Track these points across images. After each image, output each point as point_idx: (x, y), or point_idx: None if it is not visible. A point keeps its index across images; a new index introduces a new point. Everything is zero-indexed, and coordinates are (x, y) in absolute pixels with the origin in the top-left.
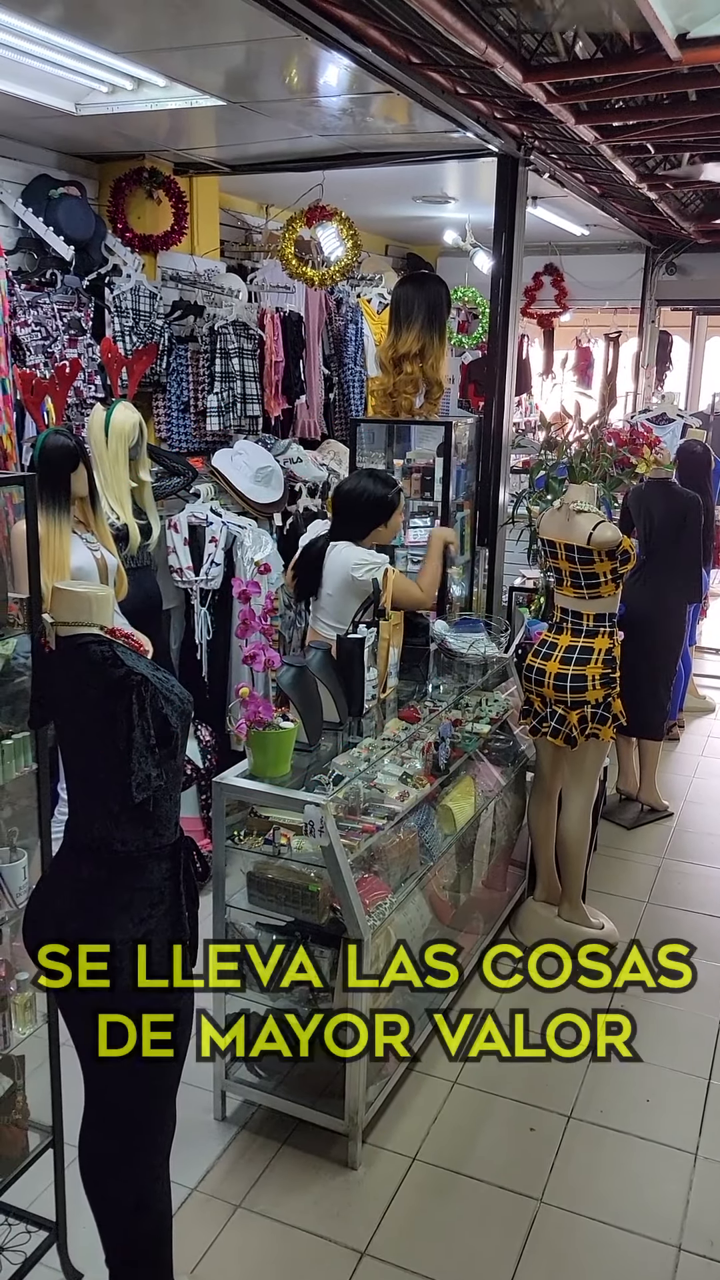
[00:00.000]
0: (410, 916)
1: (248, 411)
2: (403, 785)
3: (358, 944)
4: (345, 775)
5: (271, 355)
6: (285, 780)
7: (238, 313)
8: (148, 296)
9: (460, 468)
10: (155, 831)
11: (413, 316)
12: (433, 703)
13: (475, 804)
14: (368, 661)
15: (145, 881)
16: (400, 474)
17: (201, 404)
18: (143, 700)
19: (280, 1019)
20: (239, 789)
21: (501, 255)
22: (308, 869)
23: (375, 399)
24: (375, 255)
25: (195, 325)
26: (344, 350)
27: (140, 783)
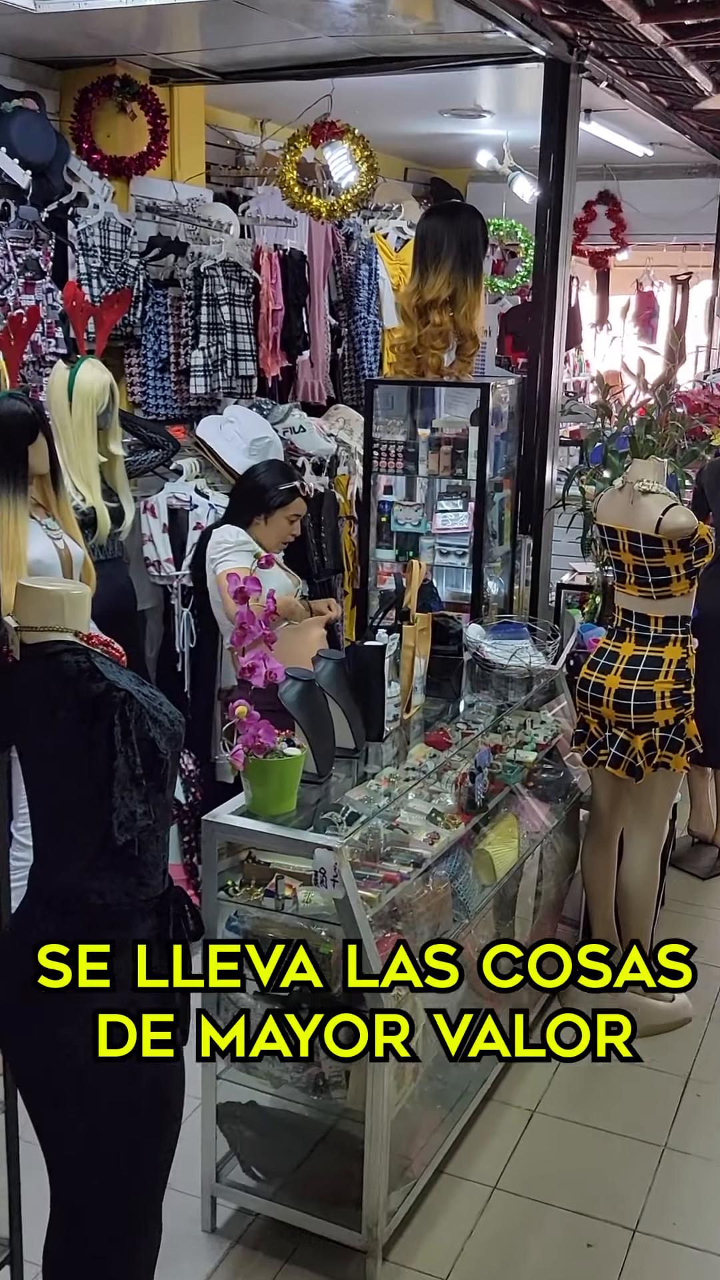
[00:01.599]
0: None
1: (240, 370)
2: (431, 825)
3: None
4: (362, 813)
5: (268, 302)
6: (290, 819)
7: (228, 251)
8: (119, 231)
9: (499, 439)
10: (140, 881)
11: (441, 255)
12: (466, 725)
13: (518, 849)
14: (388, 674)
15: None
16: (426, 446)
17: (184, 361)
18: (126, 721)
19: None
20: (233, 829)
21: (548, 180)
22: (317, 927)
23: (395, 355)
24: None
25: (176, 266)
26: (355, 296)
27: (123, 821)
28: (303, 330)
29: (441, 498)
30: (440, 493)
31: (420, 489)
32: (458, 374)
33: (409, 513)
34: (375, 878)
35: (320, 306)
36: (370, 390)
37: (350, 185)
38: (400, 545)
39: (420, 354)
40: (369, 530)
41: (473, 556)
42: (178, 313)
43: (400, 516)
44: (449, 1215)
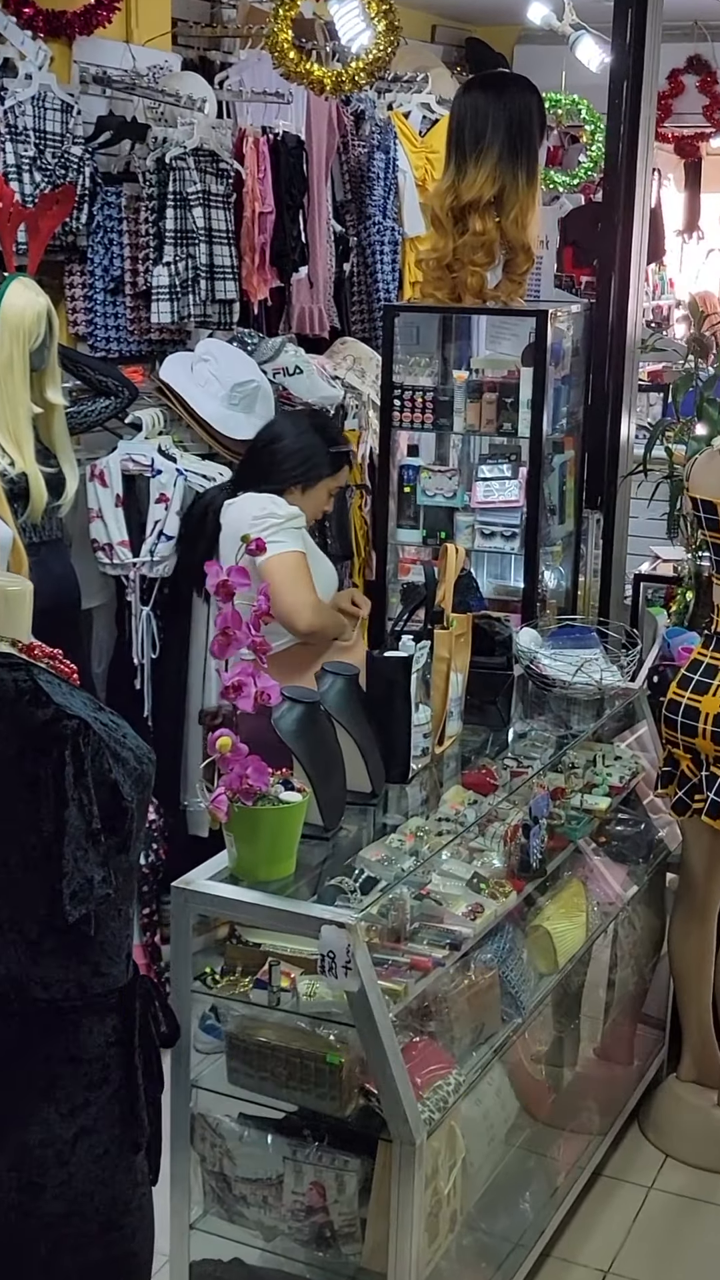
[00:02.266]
0: (486, 1106)
1: (217, 293)
2: (473, 895)
3: (405, 1150)
4: (382, 878)
5: (254, 203)
6: (287, 886)
7: (201, 135)
8: (58, 110)
9: (559, 383)
10: (96, 969)
11: (484, 143)
12: (518, 761)
13: (586, 925)
14: (415, 694)
15: (79, 1049)
16: (462, 393)
17: (144, 281)
18: (81, 759)
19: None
20: (212, 899)
21: (623, 43)
22: (323, 1029)
23: (423, 272)
24: (417, 43)
25: (133, 156)
26: (368, 195)
27: (77, 890)
28: (299, 240)
29: (483, 461)
30: (482, 455)
31: (455, 450)
32: (505, 298)
33: (440, 481)
34: (400, 964)
35: (322, 209)
36: (389, 319)
37: (362, 49)
38: (429, 524)
39: (455, 271)
40: (387, 504)
41: (525, 539)
42: (135, 217)
43: (429, 486)
44: None
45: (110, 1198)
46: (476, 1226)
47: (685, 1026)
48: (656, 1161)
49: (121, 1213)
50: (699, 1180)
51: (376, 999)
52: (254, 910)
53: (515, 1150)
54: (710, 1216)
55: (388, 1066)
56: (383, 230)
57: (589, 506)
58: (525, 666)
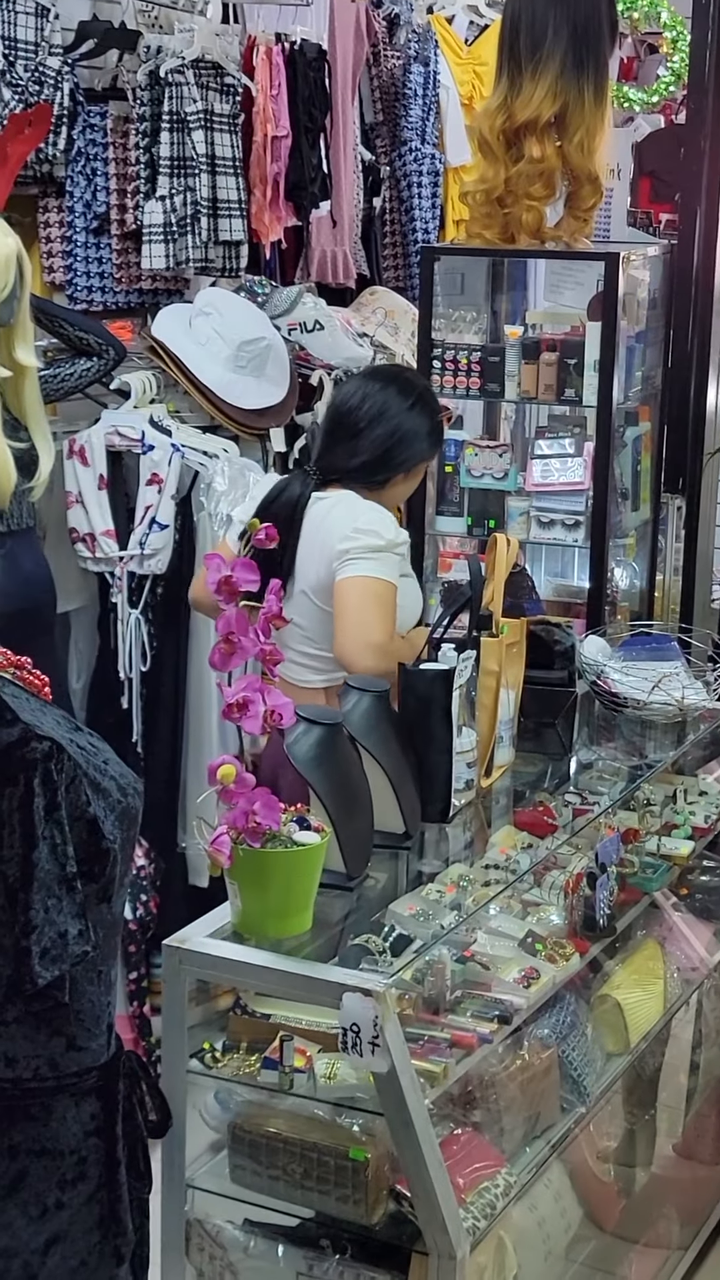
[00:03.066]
0: (543, 1213)
1: (221, 233)
2: (527, 958)
3: (445, 1265)
4: (417, 937)
5: (266, 125)
6: (303, 945)
7: (203, 44)
8: (31, 13)
9: (633, 341)
10: (71, 1043)
11: (544, 51)
12: (582, 797)
13: (664, 995)
14: (457, 716)
15: (51, 1139)
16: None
17: (134, 219)
18: (54, 789)
19: None
20: (213, 960)
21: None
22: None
23: (470, 208)
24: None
25: (122, 69)
26: (403, 115)
27: (48, 947)
28: (320, 170)
29: (541, 435)
30: (539, 427)
31: (507, 421)
32: (567, 238)
33: (489, 459)
34: (439, 1040)
35: (347, 132)
36: (428, 263)
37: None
38: (475, 511)
39: (508, 207)
40: (425, 486)
41: (592, 529)
42: (124, 142)
43: (475, 465)
44: None
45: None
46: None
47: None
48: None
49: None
50: None
51: (410, 1082)
52: (262, 974)
53: (578, 1267)
54: None
55: (423, 1164)
56: (420, 158)
57: (668, 490)
58: (591, 682)
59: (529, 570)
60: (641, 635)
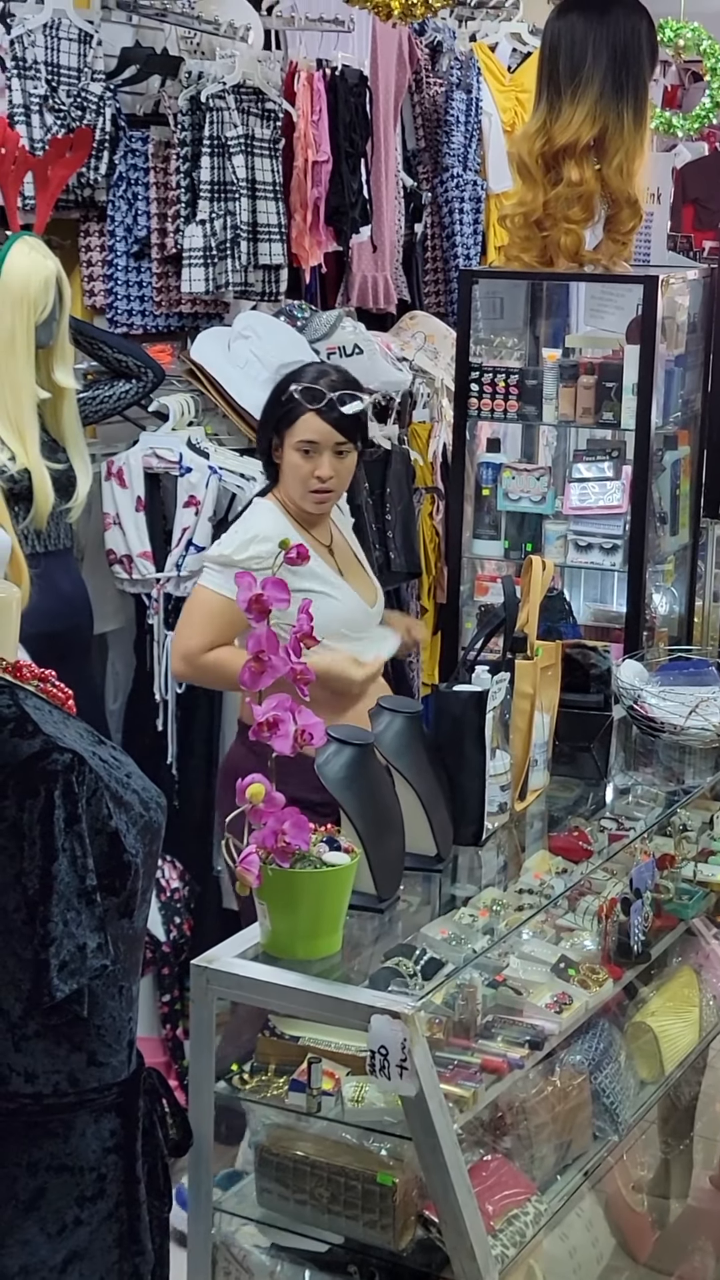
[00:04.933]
0: (574, 1243)
1: (261, 257)
2: (560, 983)
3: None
4: (448, 960)
5: (307, 150)
6: (333, 966)
7: (245, 70)
8: (75, 40)
9: (672, 365)
10: (91, 1059)
11: (583, 75)
12: (618, 822)
13: (700, 1023)
14: (491, 739)
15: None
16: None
17: (174, 243)
18: (74, 801)
19: None
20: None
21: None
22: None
23: (509, 233)
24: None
25: (164, 94)
26: (444, 142)
27: (67, 960)
28: (360, 195)
29: (579, 459)
30: (577, 451)
31: (545, 445)
32: (607, 262)
33: (527, 482)
34: (469, 1065)
35: (389, 158)
36: (467, 287)
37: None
38: (512, 534)
39: (547, 230)
40: (463, 510)
41: (630, 553)
42: (165, 167)
43: (513, 488)
44: None
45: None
46: None
47: None
48: None
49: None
50: None
51: (438, 1107)
52: (290, 995)
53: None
54: None
55: (452, 1190)
56: (462, 185)
57: (708, 515)
58: (628, 707)
59: (565, 594)
60: (680, 660)
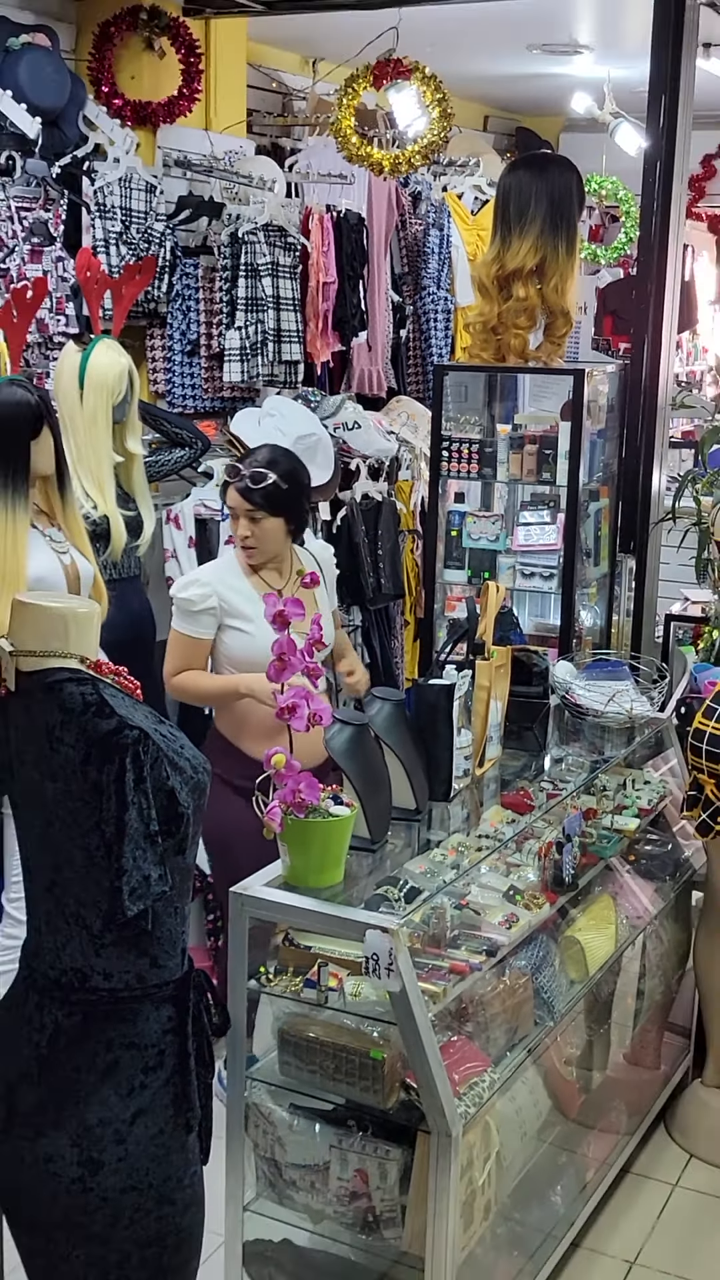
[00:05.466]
0: (520, 1104)
1: (283, 355)
2: (509, 905)
3: (442, 1141)
4: (424, 888)
5: (318, 274)
6: (336, 893)
7: (271, 213)
8: (143, 190)
9: (595, 437)
10: (153, 961)
11: (528, 216)
12: (553, 784)
13: (616, 937)
14: (457, 720)
15: (137, 1035)
16: (506, 445)
17: (217, 344)
18: (141, 766)
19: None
20: (267, 904)
21: (658, 129)
22: (368, 1027)
23: (470, 336)
24: (470, 131)
25: (210, 231)
26: (423, 268)
27: (134, 887)
28: (359, 308)
29: (524, 508)
30: (523, 502)
31: (499, 497)
32: (546, 359)
33: (485, 525)
34: (440, 968)
35: (381, 279)
36: (439, 378)
37: (418, 135)
38: (474, 565)
39: (500, 334)
40: (436, 547)
41: (562, 579)
42: (210, 286)
43: (474, 530)
44: None
45: (164, 1175)
46: (509, 1217)
47: (710, 1035)
48: (681, 1161)
49: (174, 1189)
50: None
51: (417, 1000)
52: (305, 915)
53: (547, 1146)
54: None
55: (427, 1063)
56: (436, 300)
57: (622, 551)
58: (561, 696)
59: (514, 610)
60: (600, 661)
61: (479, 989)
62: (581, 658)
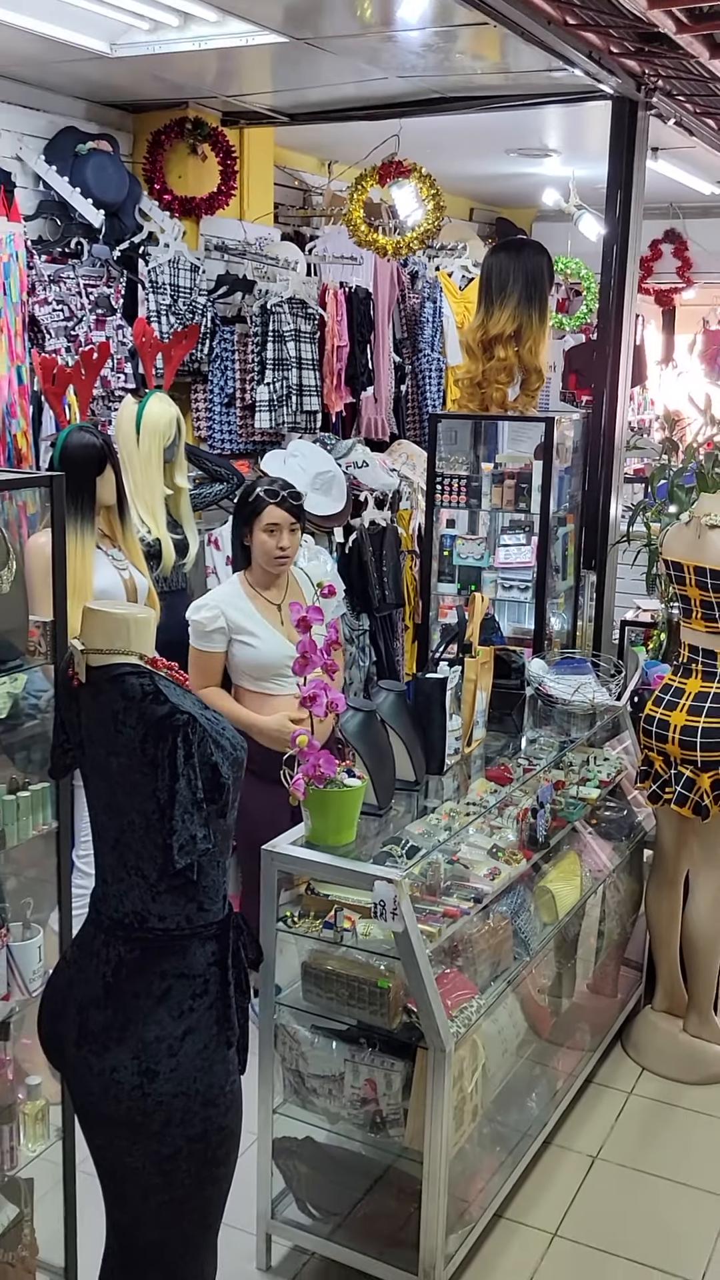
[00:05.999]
0: (501, 1025)
1: (304, 406)
2: (492, 860)
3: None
4: (422, 846)
5: (333, 339)
6: (349, 850)
7: (294, 288)
8: (188, 269)
9: (563, 473)
10: (200, 906)
11: (507, 290)
12: (528, 760)
13: (581, 887)
14: (449, 707)
15: (187, 966)
16: (489, 480)
17: (250, 396)
18: (189, 744)
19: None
20: (292, 859)
21: (615, 219)
22: (376, 961)
23: (460, 390)
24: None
25: (244, 303)
26: (419, 334)
27: (184, 844)
28: (367, 366)
29: (504, 532)
30: (503, 527)
31: (483, 523)
32: (522, 408)
33: (471, 547)
34: (435, 912)
35: (384, 343)
36: (433, 425)
37: (416, 223)
38: (462, 579)
39: (484, 388)
40: (431, 564)
41: (535, 591)
42: (244, 349)
43: (462, 550)
44: (507, 1262)
45: (209, 1082)
46: (493, 1118)
47: (658, 968)
48: (634, 1073)
49: (218, 1094)
50: (668, 1089)
51: (417, 938)
52: (324, 868)
53: (523, 1060)
54: (678, 1117)
55: (425, 991)
56: (430, 360)
57: (586, 567)
58: (535, 688)
59: (496, 617)
60: (567, 658)
61: (467, 930)
62: (552, 656)
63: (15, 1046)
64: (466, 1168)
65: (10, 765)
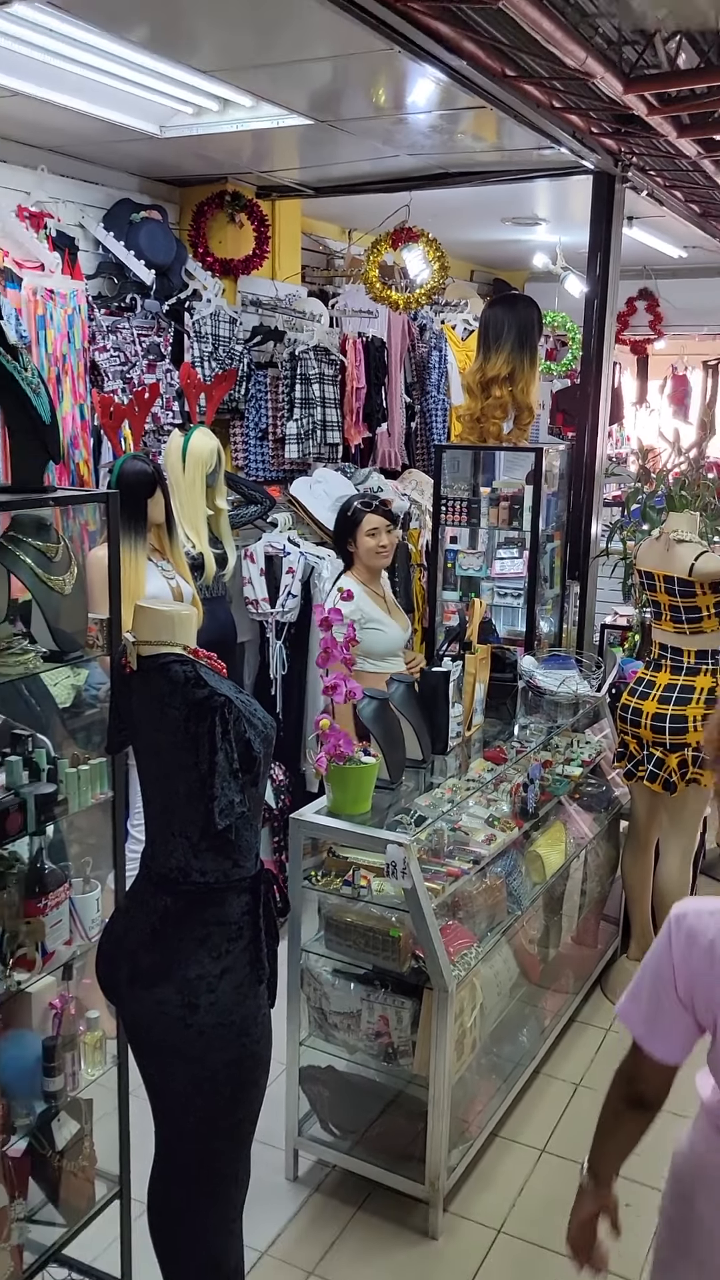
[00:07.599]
0: (496, 969)
1: (327, 439)
2: (489, 828)
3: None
4: (428, 816)
5: (353, 381)
6: (365, 819)
7: (319, 338)
8: (227, 321)
9: (550, 497)
10: (235, 862)
11: (502, 339)
12: (520, 743)
13: (565, 852)
14: (452, 696)
15: (224, 915)
16: (487, 503)
17: (280, 431)
18: (226, 722)
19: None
20: (316, 826)
21: (596, 277)
22: (388, 913)
23: (462, 424)
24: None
25: (275, 351)
26: (427, 378)
27: (223, 808)
28: (382, 405)
29: (500, 547)
30: (499, 543)
31: (482, 539)
32: (515, 441)
33: (471, 560)
34: (439, 872)
35: (397, 386)
36: (439, 455)
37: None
38: (463, 587)
39: (483, 423)
40: (437, 575)
41: (527, 598)
42: (275, 390)
43: (464, 563)
44: (502, 1174)
45: (244, 1014)
46: (489, 1051)
47: (633, 922)
48: (611, 1013)
49: (251, 1024)
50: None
51: (423, 895)
52: (343, 834)
53: (515, 1001)
54: None
55: (430, 940)
56: (436, 401)
57: (570, 578)
58: (526, 681)
59: (493, 620)
60: (554, 656)
61: (467, 888)
62: (540, 653)
63: (77, 985)
64: (466, 1093)
65: (74, 744)
